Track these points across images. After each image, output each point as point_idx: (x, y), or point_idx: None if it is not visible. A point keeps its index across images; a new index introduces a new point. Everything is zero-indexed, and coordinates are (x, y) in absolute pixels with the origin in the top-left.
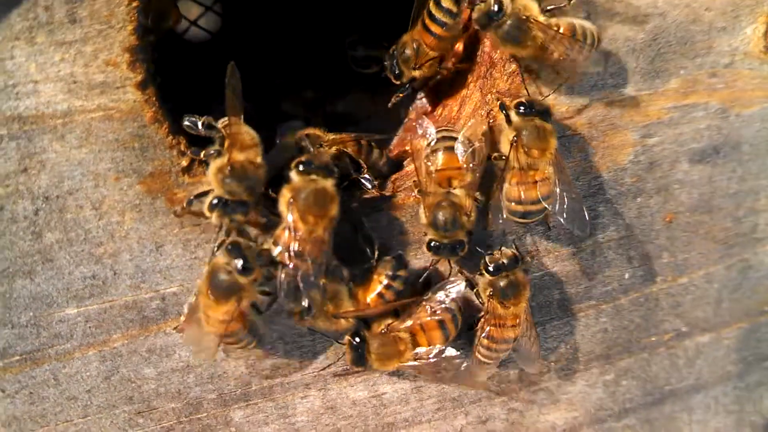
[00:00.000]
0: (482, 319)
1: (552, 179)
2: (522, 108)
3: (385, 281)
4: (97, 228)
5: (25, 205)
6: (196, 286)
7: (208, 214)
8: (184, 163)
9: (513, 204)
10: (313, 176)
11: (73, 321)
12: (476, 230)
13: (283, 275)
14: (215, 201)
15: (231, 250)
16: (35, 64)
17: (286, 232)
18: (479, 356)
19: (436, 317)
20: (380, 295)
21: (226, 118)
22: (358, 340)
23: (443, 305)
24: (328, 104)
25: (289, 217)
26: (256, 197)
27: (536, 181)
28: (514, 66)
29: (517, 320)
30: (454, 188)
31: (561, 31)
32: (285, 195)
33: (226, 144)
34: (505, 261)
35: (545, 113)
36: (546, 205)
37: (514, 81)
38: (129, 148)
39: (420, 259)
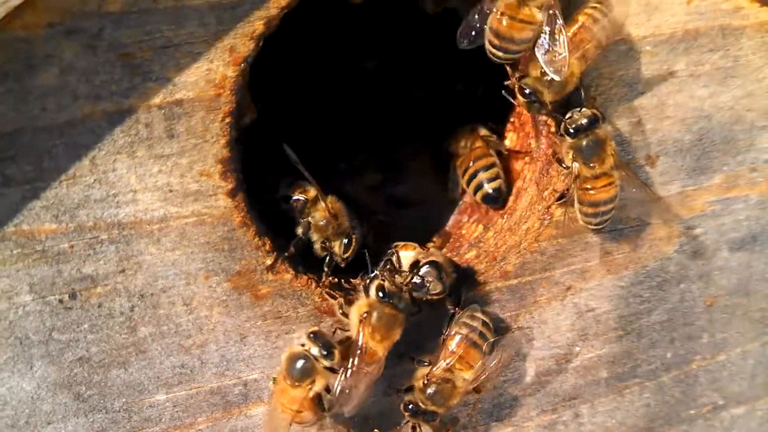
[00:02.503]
0: (573, 187)
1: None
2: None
3: None
4: (187, 322)
5: (121, 302)
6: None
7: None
8: (269, 261)
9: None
10: (389, 307)
11: (162, 406)
12: None
13: (340, 383)
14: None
15: (314, 337)
16: (135, 175)
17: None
18: (584, 223)
19: None
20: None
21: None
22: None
23: None
24: (388, 188)
25: (360, 337)
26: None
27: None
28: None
29: (610, 180)
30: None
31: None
32: (360, 308)
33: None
34: (584, 121)
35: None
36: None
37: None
38: (219, 249)
39: None
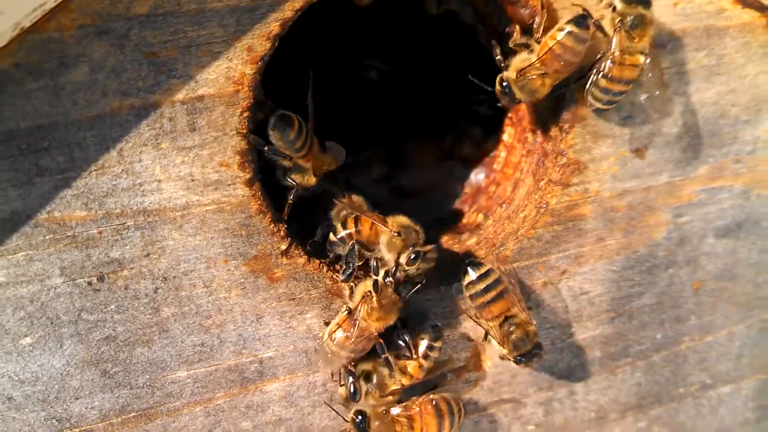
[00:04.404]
0: (602, 58)
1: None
2: None
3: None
4: (207, 303)
5: (146, 284)
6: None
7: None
8: (283, 247)
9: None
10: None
11: (183, 382)
12: None
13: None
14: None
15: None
16: (160, 166)
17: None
18: (592, 99)
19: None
20: (420, 366)
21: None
22: (360, 418)
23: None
24: (393, 179)
25: (358, 313)
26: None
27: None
28: (565, 159)
29: (638, 62)
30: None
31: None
32: (366, 286)
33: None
34: None
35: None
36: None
37: (565, 172)
38: (237, 235)
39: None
